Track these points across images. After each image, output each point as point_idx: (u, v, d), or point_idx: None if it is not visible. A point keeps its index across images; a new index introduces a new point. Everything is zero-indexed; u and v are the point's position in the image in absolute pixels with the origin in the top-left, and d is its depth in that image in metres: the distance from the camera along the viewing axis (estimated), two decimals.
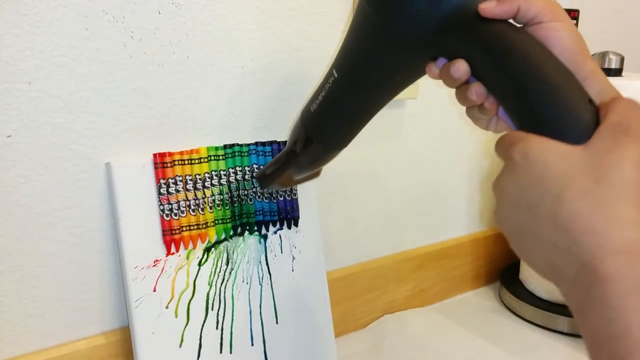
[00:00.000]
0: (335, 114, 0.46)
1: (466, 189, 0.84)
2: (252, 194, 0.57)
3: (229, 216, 0.56)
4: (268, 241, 0.58)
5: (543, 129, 0.32)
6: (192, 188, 0.53)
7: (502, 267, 0.88)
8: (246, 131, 0.58)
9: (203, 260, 0.54)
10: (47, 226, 0.49)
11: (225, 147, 0.56)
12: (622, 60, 0.73)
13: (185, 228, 0.53)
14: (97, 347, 0.52)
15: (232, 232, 0.56)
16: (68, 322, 0.51)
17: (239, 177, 0.56)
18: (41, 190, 0.48)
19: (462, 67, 0.36)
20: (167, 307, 0.51)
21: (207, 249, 0.54)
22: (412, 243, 0.78)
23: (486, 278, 0.88)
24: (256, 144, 0.58)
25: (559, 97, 0.32)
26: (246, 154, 0.57)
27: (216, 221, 0.55)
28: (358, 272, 0.71)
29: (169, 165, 0.52)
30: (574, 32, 0.35)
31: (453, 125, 0.78)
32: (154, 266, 0.51)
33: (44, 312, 0.50)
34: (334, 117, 0.46)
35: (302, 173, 0.52)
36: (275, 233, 0.59)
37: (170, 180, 0.52)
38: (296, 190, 0.60)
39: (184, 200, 0.53)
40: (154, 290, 0.51)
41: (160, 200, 0.51)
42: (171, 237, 0.52)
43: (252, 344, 0.56)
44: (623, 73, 0.74)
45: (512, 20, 0.36)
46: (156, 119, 0.53)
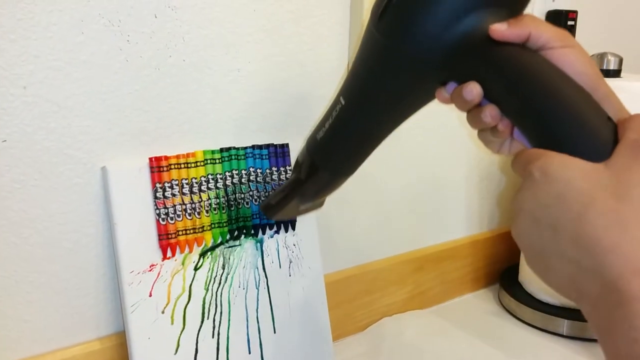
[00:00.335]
0: (342, 142, 0.45)
1: (465, 191, 0.83)
2: (249, 198, 0.57)
3: (226, 220, 0.55)
4: (265, 245, 0.58)
5: (563, 147, 0.31)
6: (188, 192, 0.53)
7: (502, 269, 0.88)
8: (243, 134, 0.58)
9: (199, 264, 0.54)
10: (43, 231, 0.48)
11: (221, 151, 0.55)
12: (621, 61, 0.73)
13: (181, 232, 0.53)
14: (93, 353, 0.52)
15: (229, 236, 0.56)
16: (63, 328, 0.51)
17: (236, 181, 0.56)
18: (36, 195, 0.48)
19: (475, 90, 0.36)
20: (163, 312, 0.51)
21: (204, 253, 0.54)
22: (411, 245, 0.78)
23: (485, 280, 0.88)
24: (253, 147, 0.57)
25: (578, 115, 0.32)
26: (243, 157, 0.57)
27: (212, 225, 0.55)
28: (356, 275, 0.71)
29: (165, 169, 0.52)
30: (586, 57, 0.35)
31: (452, 127, 0.77)
32: (150, 271, 0.51)
33: (39, 318, 0.50)
34: (342, 145, 0.46)
35: (307, 202, 0.51)
36: (272, 237, 0.58)
37: (166, 184, 0.52)
38: None
39: (180, 204, 0.52)
40: (150, 295, 0.51)
41: (156, 204, 0.51)
42: (167, 242, 0.52)
43: (249, 349, 0.56)
44: (622, 74, 0.74)
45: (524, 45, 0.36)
46: (152, 123, 0.52)
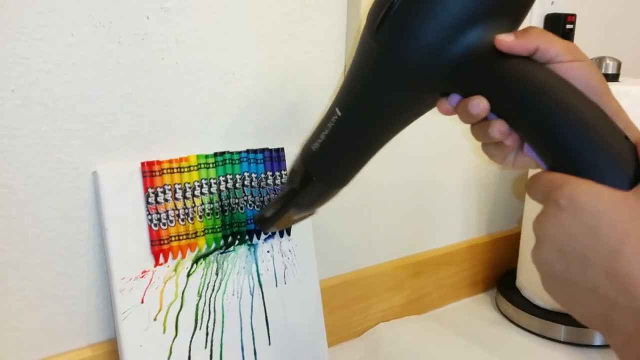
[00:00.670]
0: (339, 153, 0.44)
1: (463, 196, 0.83)
2: (243, 203, 0.56)
3: (219, 225, 0.54)
4: (259, 251, 0.57)
5: (584, 172, 0.30)
6: (182, 197, 0.52)
7: (499, 274, 0.87)
8: (237, 138, 0.57)
9: (192, 270, 0.53)
10: (33, 237, 0.48)
11: (215, 155, 0.55)
12: (619, 65, 0.72)
13: (174, 238, 0.52)
14: None
15: (223, 242, 0.55)
16: (54, 335, 0.50)
17: (230, 186, 0.55)
18: (26, 200, 0.47)
19: (482, 104, 0.34)
20: (155, 319, 0.50)
21: (197, 259, 0.53)
22: (408, 250, 0.77)
23: (483, 285, 0.87)
24: (247, 152, 0.57)
25: (595, 136, 0.31)
26: (237, 162, 0.56)
27: (206, 230, 0.54)
28: (353, 280, 0.70)
29: (158, 173, 0.51)
30: (596, 71, 0.34)
31: (450, 131, 0.77)
32: (142, 277, 0.50)
33: (30, 325, 0.49)
34: (338, 157, 0.45)
35: (302, 212, 0.50)
36: (266, 242, 0.58)
37: (158, 189, 0.51)
38: None
39: (173, 209, 0.52)
40: (142, 301, 0.50)
41: (148, 209, 0.50)
42: (159, 248, 0.51)
43: (243, 356, 0.55)
44: (620, 78, 0.73)
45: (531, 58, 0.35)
46: (145, 127, 0.52)
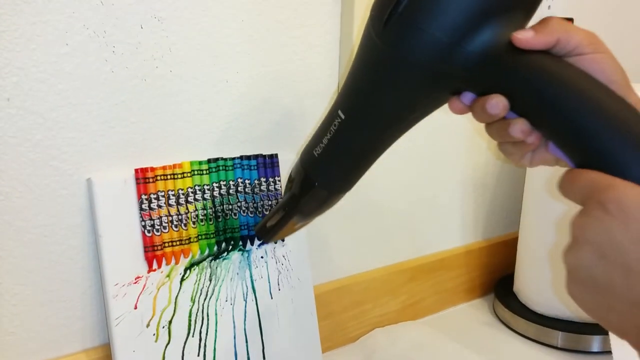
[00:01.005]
0: (343, 157, 0.43)
1: (460, 199, 0.83)
2: (237, 209, 0.56)
3: (213, 231, 0.55)
4: (253, 256, 0.57)
5: (617, 170, 0.29)
6: (175, 203, 0.53)
7: (497, 279, 0.87)
8: (231, 145, 0.58)
9: (186, 276, 0.53)
10: (27, 243, 0.48)
11: (209, 162, 0.55)
12: None
13: (167, 244, 0.52)
14: None
15: (216, 248, 0.55)
16: (48, 340, 0.51)
17: (223, 192, 0.56)
18: (21, 207, 0.47)
19: (502, 103, 0.33)
20: (149, 325, 0.51)
21: (190, 265, 0.54)
22: (404, 254, 0.77)
23: (480, 290, 0.87)
24: (241, 158, 0.57)
25: (628, 132, 0.29)
26: (231, 168, 0.56)
27: (199, 236, 0.54)
28: (348, 285, 0.70)
29: (151, 180, 0.51)
30: (617, 64, 0.33)
31: (446, 134, 0.77)
32: (135, 283, 0.50)
33: (24, 330, 0.49)
34: (342, 160, 0.43)
35: (304, 220, 0.49)
36: (260, 248, 0.58)
37: (152, 195, 0.51)
38: None
39: (167, 215, 0.52)
40: (135, 307, 0.50)
41: (141, 215, 0.51)
42: (153, 254, 0.51)
43: None
44: None
45: (550, 51, 0.34)
46: (139, 134, 0.52)
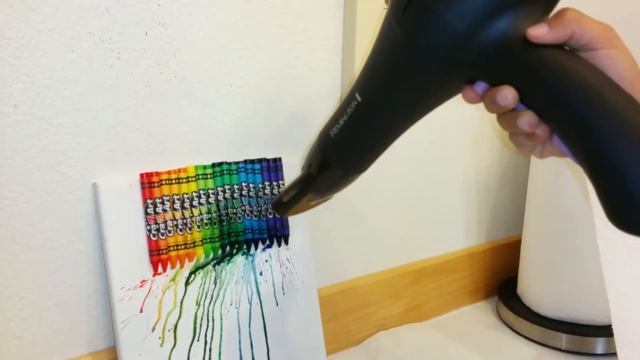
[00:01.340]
0: (358, 139, 0.44)
1: (463, 202, 0.83)
2: (241, 212, 0.57)
3: (217, 235, 0.55)
4: (257, 260, 0.58)
5: (617, 169, 0.28)
6: (180, 207, 0.53)
7: (500, 281, 0.87)
8: (235, 149, 0.58)
9: (191, 280, 0.54)
10: (34, 248, 0.49)
11: (213, 166, 0.55)
12: None
13: (172, 248, 0.53)
14: None
15: (221, 251, 0.56)
16: (54, 344, 0.51)
17: (228, 196, 0.56)
18: (27, 212, 0.48)
19: (511, 95, 0.33)
20: (154, 329, 0.51)
21: (195, 269, 0.54)
22: (408, 257, 0.78)
23: (484, 292, 0.87)
24: (245, 162, 0.57)
25: (632, 132, 0.29)
26: (235, 172, 0.57)
27: (204, 240, 0.55)
28: (352, 288, 0.71)
29: (156, 185, 0.52)
30: (631, 60, 0.33)
31: (449, 136, 0.77)
32: (141, 287, 0.51)
33: (30, 334, 0.50)
34: (357, 143, 0.44)
35: (318, 198, 0.50)
36: (264, 251, 0.58)
37: (157, 200, 0.52)
38: None
39: (172, 219, 0.53)
40: (141, 311, 0.51)
41: (147, 220, 0.51)
42: (158, 257, 0.52)
43: None
44: None
45: (565, 44, 0.34)
46: (144, 139, 0.53)
